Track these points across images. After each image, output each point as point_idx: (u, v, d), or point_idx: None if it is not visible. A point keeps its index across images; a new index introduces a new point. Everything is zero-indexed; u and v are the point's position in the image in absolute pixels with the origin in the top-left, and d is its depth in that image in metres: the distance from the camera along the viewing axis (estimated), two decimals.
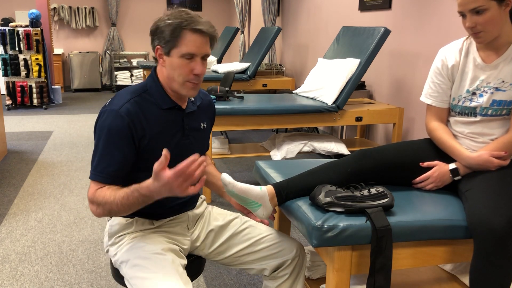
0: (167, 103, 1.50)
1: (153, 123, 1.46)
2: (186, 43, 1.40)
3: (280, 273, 1.61)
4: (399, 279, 1.93)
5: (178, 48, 1.40)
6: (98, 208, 1.40)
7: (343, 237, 1.38)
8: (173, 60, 1.43)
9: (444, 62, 1.76)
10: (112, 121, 1.40)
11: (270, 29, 5.48)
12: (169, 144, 1.49)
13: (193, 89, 1.46)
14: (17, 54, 6.70)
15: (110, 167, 1.41)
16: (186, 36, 1.40)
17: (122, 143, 1.41)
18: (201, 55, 1.43)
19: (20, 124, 5.94)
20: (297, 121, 3.42)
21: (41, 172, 4.07)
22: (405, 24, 3.88)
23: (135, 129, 1.42)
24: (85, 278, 2.39)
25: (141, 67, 5.98)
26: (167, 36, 1.40)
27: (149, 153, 1.46)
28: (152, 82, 1.50)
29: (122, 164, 1.43)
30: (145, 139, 1.45)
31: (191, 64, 1.42)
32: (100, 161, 1.42)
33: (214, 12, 9.49)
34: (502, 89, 1.64)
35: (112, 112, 1.41)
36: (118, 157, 1.42)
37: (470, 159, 1.64)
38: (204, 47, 1.43)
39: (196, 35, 1.40)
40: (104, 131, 1.41)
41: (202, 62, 1.45)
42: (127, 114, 1.41)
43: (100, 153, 1.42)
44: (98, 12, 8.93)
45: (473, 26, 1.58)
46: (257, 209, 1.56)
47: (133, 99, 1.45)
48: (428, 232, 1.46)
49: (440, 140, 1.75)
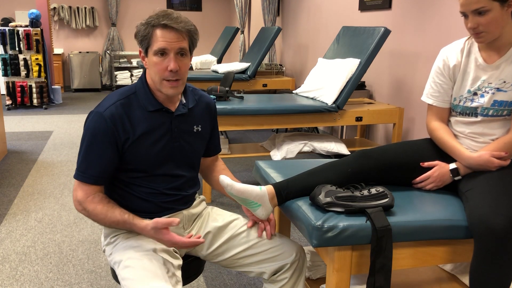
0: (153, 105, 1.50)
1: (138, 125, 1.47)
2: (156, 39, 1.41)
3: (280, 277, 1.58)
4: (399, 279, 1.92)
5: (152, 46, 1.42)
6: (83, 210, 1.48)
7: (343, 237, 1.38)
8: (150, 59, 1.44)
9: (446, 62, 1.75)
10: (96, 123, 1.44)
11: (270, 29, 5.48)
12: (155, 147, 1.50)
13: (172, 88, 1.45)
14: (17, 54, 6.70)
15: (92, 169, 1.46)
16: (156, 32, 1.41)
17: (104, 146, 1.44)
18: (174, 50, 1.41)
19: (20, 124, 5.94)
20: (297, 121, 3.42)
21: (41, 172, 4.07)
22: (405, 24, 3.88)
23: (117, 132, 1.45)
24: (85, 278, 2.39)
25: (141, 67, 5.99)
26: (141, 36, 1.43)
27: (133, 155, 1.48)
28: (140, 84, 1.52)
29: (104, 167, 1.46)
30: (128, 141, 1.47)
31: (165, 60, 1.42)
32: (83, 162, 1.47)
33: (214, 12, 9.48)
34: (503, 89, 1.64)
35: (97, 114, 1.45)
36: (100, 159, 1.45)
37: (471, 159, 1.64)
38: (177, 42, 1.41)
39: (165, 30, 1.40)
40: (88, 132, 1.46)
41: (179, 58, 1.43)
42: (110, 117, 1.44)
43: (83, 154, 1.47)
44: (98, 12, 8.93)
45: (475, 27, 1.57)
46: (257, 209, 1.56)
47: (119, 101, 1.47)
48: (428, 232, 1.46)
49: (441, 140, 1.74)
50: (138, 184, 1.52)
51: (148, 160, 1.50)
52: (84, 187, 1.46)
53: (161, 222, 1.39)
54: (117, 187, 1.54)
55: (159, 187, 1.54)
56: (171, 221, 1.39)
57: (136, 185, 1.52)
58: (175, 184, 1.57)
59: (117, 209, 1.45)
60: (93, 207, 1.44)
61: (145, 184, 1.52)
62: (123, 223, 1.45)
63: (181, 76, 1.45)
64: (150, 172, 1.52)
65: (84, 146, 1.46)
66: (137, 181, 1.52)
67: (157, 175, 1.53)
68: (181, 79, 1.46)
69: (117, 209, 1.45)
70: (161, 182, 1.54)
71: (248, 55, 5.63)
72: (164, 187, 1.54)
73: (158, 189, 1.53)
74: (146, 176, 1.52)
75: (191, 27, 1.45)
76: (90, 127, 1.45)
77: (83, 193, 1.46)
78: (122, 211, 1.45)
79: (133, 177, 1.52)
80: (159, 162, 1.52)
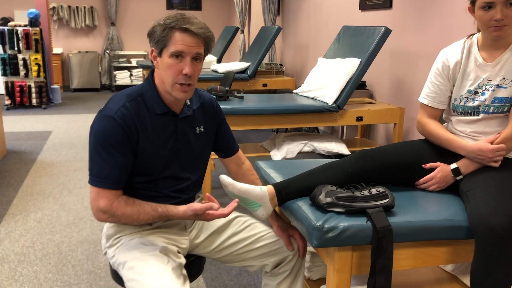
0: (161, 108, 1.48)
1: (146, 128, 1.46)
2: (174, 42, 1.40)
3: (281, 269, 1.61)
4: (400, 279, 1.92)
5: (168, 47, 1.40)
6: (110, 217, 1.44)
7: (343, 238, 1.38)
8: (164, 61, 1.42)
9: (446, 63, 1.75)
10: (108, 127, 1.41)
11: (270, 28, 5.47)
12: (162, 150, 1.49)
13: (184, 92, 1.44)
14: (16, 54, 6.69)
15: (113, 173, 1.42)
16: (175, 35, 1.40)
17: (121, 149, 1.42)
18: (191, 54, 1.41)
19: (19, 124, 5.94)
20: (297, 121, 3.41)
21: (40, 172, 4.06)
22: (405, 24, 3.87)
23: (131, 134, 1.43)
24: (84, 278, 2.38)
25: (141, 67, 5.98)
26: (158, 36, 1.41)
27: (142, 158, 1.47)
28: (148, 86, 1.50)
29: (124, 169, 1.44)
30: (139, 144, 1.45)
31: (181, 64, 1.41)
32: (104, 168, 1.41)
33: (214, 12, 9.48)
34: (503, 86, 1.64)
35: (107, 117, 1.41)
36: (119, 162, 1.42)
37: (468, 147, 1.66)
38: (195, 47, 1.41)
39: (185, 34, 1.39)
40: (101, 137, 1.41)
41: (194, 63, 1.43)
42: (122, 119, 1.41)
43: (101, 159, 1.42)
44: (97, 12, 8.93)
45: (503, 19, 1.54)
46: (257, 209, 1.56)
47: (128, 103, 1.45)
48: (429, 232, 1.45)
49: (435, 133, 1.75)
50: (143, 188, 1.51)
51: (154, 164, 1.49)
52: (106, 194, 1.42)
53: (201, 209, 1.41)
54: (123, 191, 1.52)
55: (163, 189, 1.53)
56: (209, 206, 1.42)
57: (141, 189, 1.51)
58: (179, 187, 1.56)
59: (146, 206, 1.44)
60: (122, 211, 1.42)
61: (150, 187, 1.51)
62: (159, 217, 1.45)
63: (193, 81, 1.44)
64: (155, 176, 1.51)
65: (100, 151, 1.41)
66: (142, 185, 1.51)
67: (162, 178, 1.52)
68: (192, 84, 1.45)
69: (146, 206, 1.44)
70: (166, 185, 1.53)
71: (248, 54, 5.62)
72: (169, 189, 1.54)
73: (162, 192, 1.53)
74: (151, 179, 1.51)
75: (210, 34, 1.45)
76: (101, 131, 1.41)
77: (106, 200, 1.41)
78: (153, 206, 1.44)
79: (139, 181, 1.50)
80: (165, 165, 1.51)
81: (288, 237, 1.59)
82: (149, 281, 1.35)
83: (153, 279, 1.35)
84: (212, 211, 1.43)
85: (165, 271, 1.38)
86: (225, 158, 1.73)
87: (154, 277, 1.36)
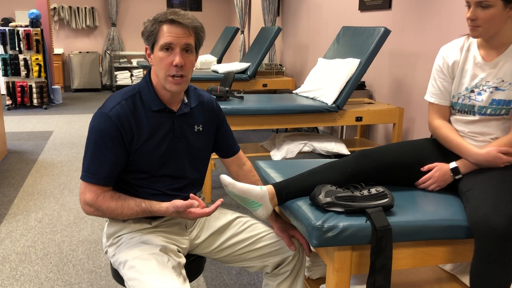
0: (157, 105, 1.50)
1: (142, 125, 1.47)
2: (163, 34, 1.42)
3: (282, 270, 1.61)
4: (399, 279, 1.92)
5: (158, 41, 1.43)
6: (95, 211, 1.46)
7: (343, 237, 1.38)
8: (155, 55, 1.45)
9: (445, 60, 1.76)
10: (102, 124, 1.44)
11: (270, 29, 5.48)
12: (158, 148, 1.50)
13: (176, 84, 1.45)
14: (17, 54, 6.70)
15: (101, 170, 1.45)
16: (163, 28, 1.42)
17: (113, 145, 1.44)
18: (180, 46, 1.42)
19: (20, 124, 5.94)
20: (297, 121, 3.42)
21: (41, 172, 4.07)
22: (405, 24, 3.88)
23: (125, 131, 1.45)
24: (85, 278, 2.39)
25: (141, 67, 5.99)
26: (147, 32, 1.44)
27: (138, 156, 1.48)
28: (144, 84, 1.52)
29: (113, 166, 1.46)
30: (134, 141, 1.47)
31: (171, 56, 1.42)
32: (92, 163, 1.45)
33: (214, 12, 9.48)
34: (501, 88, 1.64)
35: (102, 114, 1.44)
36: (109, 159, 1.45)
37: (479, 155, 1.63)
38: (183, 37, 1.42)
39: (172, 26, 1.41)
40: (94, 133, 1.45)
41: (184, 55, 1.44)
42: (116, 116, 1.43)
43: (90, 155, 1.46)
44: (98, 12, 8.93)
45: (474, 19, 1.58)
46: (257, 209, 1.56)
47: (124, 100, 1.47)
48: (428, 232, 1.46)
49: (446, 138, 1.74)
50: (141, 185, 1.52)
51: (151, 161, 1.50)
52: (93, 188, 1.45)
53: (182, 206, 1.41)
54: (120, 188, 1.53)
55: (161, 187, 1.54)
56: (190, 204, 1.42)
57: (139, 186, 1.52)
58: (177, 185, 1.57)
59: (131, 201, 1.46)
60: (106, 205, 1.44)
61: (148, 185, 1.52)
62: (142, 212, 1.46)
63: (185, 73, 1.45)
64: (153, 173, 1.52)
65: (91, 147, 1.45)
66: (139, 182, 1.52)
67: (159, 176, 1.53)
68: (185, 76, 1.46)
69: (131, 201, 1.46)
70: (164, 183, 1.54)
71: (248, 55, 5.63)
72: (166, 187, 1.54)
73: (160, 190, 1.53)
74: (148, 177, 1.52)
75: (198, 24, 1.46)
76: (96, 127, 1.44)
77: (92, 194, 1.44)
78: (137, 201, 1.46)
79: (136, 178, 1.52)
80: (162, 163, 1.52)
81: (289, 238, 1.60)
82: (149, 280, 1.36)
83: (153, 278, 1.36)
84: (193, 209, 1.42)
85: (165, 270, 1.39)
86: (226, 159, 1.74)
87: (154, 276, 1.36)
